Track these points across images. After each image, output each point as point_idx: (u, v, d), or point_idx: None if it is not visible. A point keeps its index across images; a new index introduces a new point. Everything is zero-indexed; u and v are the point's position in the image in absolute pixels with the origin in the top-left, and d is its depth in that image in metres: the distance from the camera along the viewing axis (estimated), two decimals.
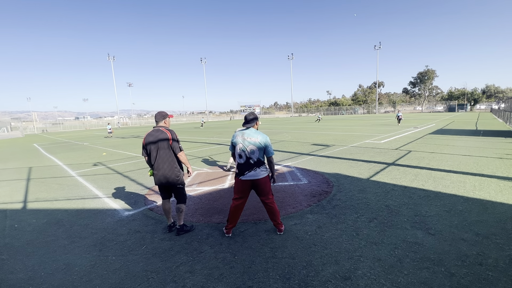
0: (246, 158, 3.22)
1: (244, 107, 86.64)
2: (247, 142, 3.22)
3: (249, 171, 3.22)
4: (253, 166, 3.22)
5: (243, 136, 3.27)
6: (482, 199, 4.23)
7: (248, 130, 3.32)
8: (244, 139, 3.25)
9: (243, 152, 3.23)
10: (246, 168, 3.24)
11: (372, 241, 3.07)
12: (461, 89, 72.51)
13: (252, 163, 3.22)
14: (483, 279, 2.33)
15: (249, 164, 3.22)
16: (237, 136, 3.33)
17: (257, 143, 3.21)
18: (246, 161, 3.23)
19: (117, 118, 67.83)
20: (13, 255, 3.18)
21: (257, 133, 3.30)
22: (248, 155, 3.21)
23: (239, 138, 3.29)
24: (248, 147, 3.21)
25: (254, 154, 3.20)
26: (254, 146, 3.20)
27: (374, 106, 73.99)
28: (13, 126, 39.48)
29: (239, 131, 3.38)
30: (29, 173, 8.24)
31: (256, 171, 3.23)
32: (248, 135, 3.26)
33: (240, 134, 3.32)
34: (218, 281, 2.49)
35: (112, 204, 4.86)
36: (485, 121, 24.31)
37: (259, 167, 3.24)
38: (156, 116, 3.54)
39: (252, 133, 3.27)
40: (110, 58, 62.68)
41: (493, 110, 43.17)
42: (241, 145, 3.24)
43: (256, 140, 3.23)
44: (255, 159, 3.22)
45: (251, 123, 3.37)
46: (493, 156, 7.61)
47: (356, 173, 6.22)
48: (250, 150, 3.20)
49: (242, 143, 3.25)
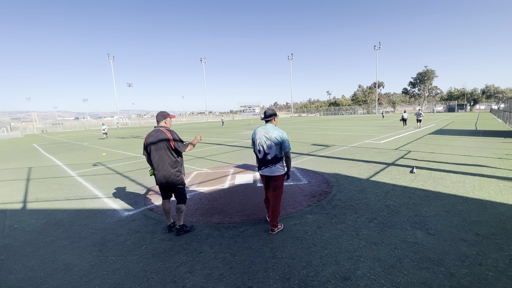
0: (263, 153, 3.34)
1: (244, 107, 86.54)
2: (265, 138, 3.33)
3: (265, 167, 3.36)
4: (268, 163, 3.33)
5: (262, 132, 3.38)
6: (481, 199, 4.23)
7: (267, 126, 3.42)
8: (263, 134, 3.36)
9: (262, 148, 3.35)
10: (262, 163, 3.38)
11: (372, 241, 3.07)
12: (460, 89, 72.57)
13: (268, 159, 3.32)
14: (483, 279, 2.33)
15: (265, 160, 3.34)
16: (257, 132, 3.44)
17: (273, 138, 3.28)
18: (263, 156, 3.35)
19: (116, 118, 67.81)
20: (12, 255, 3.17)
21: (274, 128, 3.37)
22: (265, 150, 3.32)
23: (258, 134, 3.41)
24: (266, 142, 3.31)
25: (271, 150, 3.29)
26: (271, 142, 3.29)
27: (374, 106, 74.04)
28: (12, 126, 39.47)
29: (260, 127, 3.48)
30: (28, 173, 8.24)
31: (272, 168, 3.33)
32: (266, 131, 3.35)
33: (259, 130, 3.43)
34: (218, 281, 2.49)
35: (112, 204, 4.85)
36: (484, 121, 24.32)
37: (275, 164, 3.32)
38: (157, 116, 3.55)
39: (270, 129, 3.35)
40: (110, 58, 62.64)
41: (492, 110, 43.22)
42: (260, 141, 3.37)
43: (272, 135, 3.29)
44: (272, 155, 3.30)
45: (270, 118, 3.45)
46: (492, 156, 7.61)
47: (356, 173, 6.22)
48: (268, 145, 3.30)
49: (260, 138, 3.37)
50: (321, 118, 52.83)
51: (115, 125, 55.00)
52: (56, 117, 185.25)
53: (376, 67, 72.11)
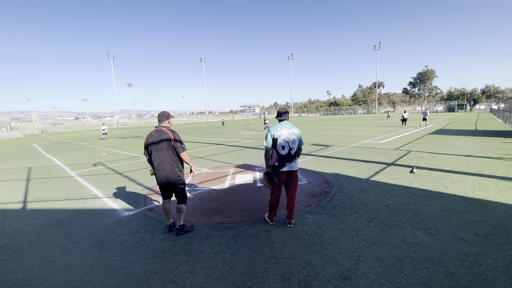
0: (288, 148, 3.46)
1: (244, 107, 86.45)
2: (289, 133, 3.47)
3: (289, 162, 3.48)
4: (293, 157, 3.50)
5: (285, 128, 3.49)
6: (481, 199, 4.23)
7: (286, 123, 3.58)
8: (287, 130, 3.49)
9: (287, 143, 3.45)
10: (287, 159, 3.47)
11: (372, 241, 3.07)
12: (460, 89, 72.60)
13: (292, 154, 3.49)
14: (482, 279, 2.33)
15: (290, 156, 3.47)
16: (277, 128, 3.49)
17: (296, 133, 3.53)
18: (288, 152, 3.46)
19: (116, 118, 67.79)
20: (12, 255, 3.17)
21: (293, 125, 3.58)
22: (290, 145, 3.46)
23: (281, 130, 3.48)
24: (291, 137, 3.47)
25: (295, 144, 3.50)
26: (295, 136, 3.51)
27: (374, 106, 74.03)
28: (12, 126, 39.46)
29: (277, 125, 3.55)
30: (28, 173, 8.24)
31: (295, 162, 3.53)
32: (289, 127, 3.52)
33: (280, 127, 3.51)
34: (218, 281, 2.49)
35: (111, 204, 4.86)
36: (484, 121, 24.33)
37: (296, 158, 3.54)
38: (159, 116, 3.55)
39: (290, 125, 3.55)
40: (110, 58, 62.61)
41: (492, 110, 43.24)
42: (284, 137, 3.46)
43: (295, 130, 3.53)
44: (295, 150, 3.51)
45: (285, 116, 3.62)
46: (492, 156, 7.61)
47: (356, 173, 6.22)
48: (292, 140, 3.48)
49: (285, 134, 3.46)
50: (321, 118, 52.84)
51: (115, 125, 54.99)
52: (56, 117, 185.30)
53: (376, 67, 72.17)
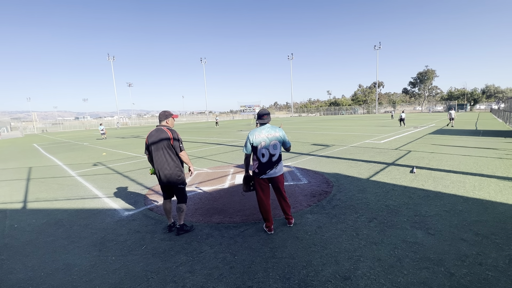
0: (269, 155, 3.28)
1: (244, 107, 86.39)
2: (268, 139, 3.28)
3: (270, 169, 3.31)
4: (274, 164, 3.32)
5: (264, 134, 3.30)
6: (481, 199, 4.23)
7: (266, 127, 3.36)
8: (265, 136, 3.29)
9: (267, 151, 3.27)
10: (268, 167, 3.30)
11: (372, 241, 3.07)
12: (461, 89, 72.53)
13: (273, 161, 3.31)
14: (482, 279, 2.33)
15: (271, 163, 3.30)
16: (256, 135, 3.29)
17: (278, 137, 3.32)
18: (269, 159, 3.29)
19: (117, 118, 67.78)
20: (12, 255, 3.17)
21: (274, 127, 3.38)
22: (271, 152, 3.28)
23: (259, 137, 3.28)
24: (271, 142, 3.27)
25: (276, 150, 3.31)
26: (277, 141, 3.31)
27: (374, 106, 74.00)
28: (13, 126, 39.48)
29: (256, 130, 3.35)
30: (29, 173, 8.24)
31: (277, 168, 3.34)
32: (268, 132, 3.31)
33: (258, 133, 3.30)
34: (218, 281, 2.49)
35: (112, 204, 4.86)
36: (484, 121, 24.32)
37: (278, 163, 3.36)
38: (160, 116, 3.55)
39: (271, 129, 3.34)
40: (110, 58, 62.60)
41: (493, 110, 43.21)
42: (264, 143, 3.27)
43: (276, 134, 3.32)
44: (277, 156, 3.32)
45: (266, 119, 3.39)
46: (492, 156, 7.61)
47: (356, 173, 6.22)
48: (274, 145, 3.28)
49: (264, 141, 3.27)
50: (321, 118, 52.84)
51: (115, 125, 54.97)
52: (56, 117, 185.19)
53: (376, 67, 72.29)
